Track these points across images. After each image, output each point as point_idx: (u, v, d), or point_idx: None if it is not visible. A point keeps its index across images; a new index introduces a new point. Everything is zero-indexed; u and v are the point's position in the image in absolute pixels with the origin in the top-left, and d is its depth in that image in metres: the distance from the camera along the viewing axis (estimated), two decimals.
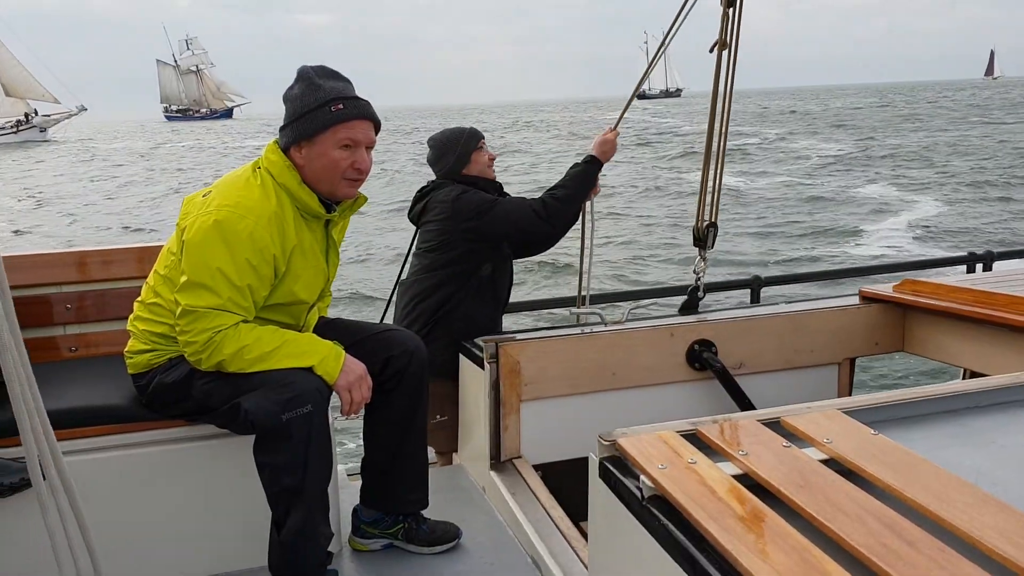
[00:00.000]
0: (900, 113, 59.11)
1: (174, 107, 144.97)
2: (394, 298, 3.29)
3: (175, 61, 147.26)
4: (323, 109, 2.15)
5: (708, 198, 3.15)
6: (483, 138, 3.18)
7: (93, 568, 1.80)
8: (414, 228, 3.23)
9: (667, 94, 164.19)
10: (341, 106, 2.16)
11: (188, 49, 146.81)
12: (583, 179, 3.06)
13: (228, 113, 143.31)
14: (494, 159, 3.22)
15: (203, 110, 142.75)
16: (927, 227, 16.04)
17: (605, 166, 3.15)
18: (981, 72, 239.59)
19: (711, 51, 2.95)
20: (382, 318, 3.37)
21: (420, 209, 3.17)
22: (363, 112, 2.20)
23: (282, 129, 2.22)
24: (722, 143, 3.06)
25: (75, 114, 78.70)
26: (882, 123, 47.94)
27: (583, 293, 3.38)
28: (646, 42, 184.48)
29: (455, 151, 3.13)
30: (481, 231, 2.99)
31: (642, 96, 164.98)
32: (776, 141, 37.70)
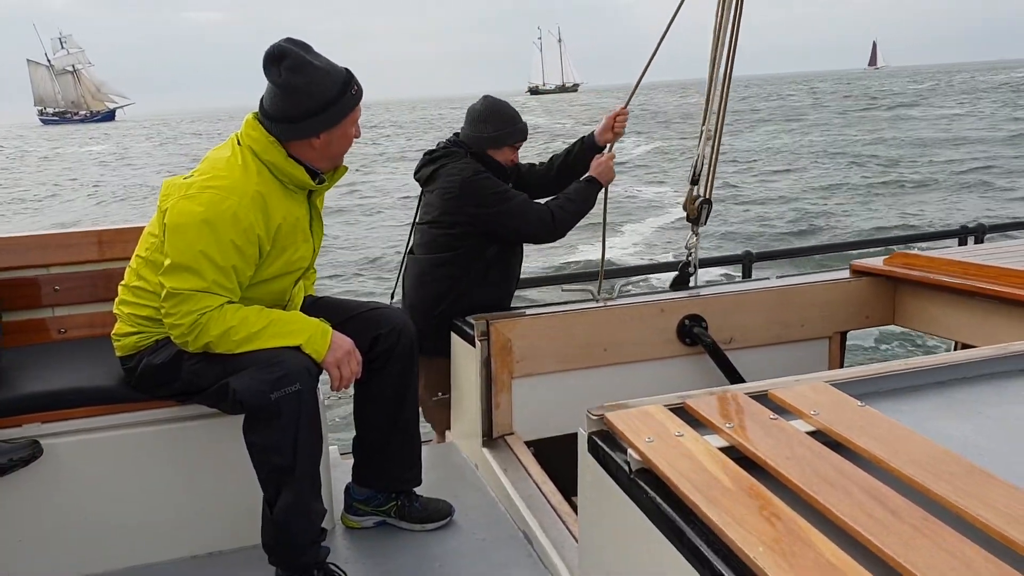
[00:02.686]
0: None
1: (50, 110, 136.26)
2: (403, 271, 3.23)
3: (48, 61, 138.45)
4: (347, 95, 2.12)
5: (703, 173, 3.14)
6: (525, 140, 3.08)
7: None
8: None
9: (563, 89, 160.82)
10: (357, 86, 2.15)
11: (63, 48, 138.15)
12: (587, 197, 3.02)
13: (110, 115, 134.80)
14: (516, 162, 3.13)
15: (82, 112, 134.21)
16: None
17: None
18: (866, 63, 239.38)
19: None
20: (393, 292, 3.35)
21: (429, 173, 3.03)
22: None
23: (291, 121, 2.09)
24: (720, 121, 3.05)
25: None
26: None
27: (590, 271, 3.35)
28: (540, 37, 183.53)
29: (496, 130, 3.00)
30: (483, 220, 2.90)
31: (535, 92, 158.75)
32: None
